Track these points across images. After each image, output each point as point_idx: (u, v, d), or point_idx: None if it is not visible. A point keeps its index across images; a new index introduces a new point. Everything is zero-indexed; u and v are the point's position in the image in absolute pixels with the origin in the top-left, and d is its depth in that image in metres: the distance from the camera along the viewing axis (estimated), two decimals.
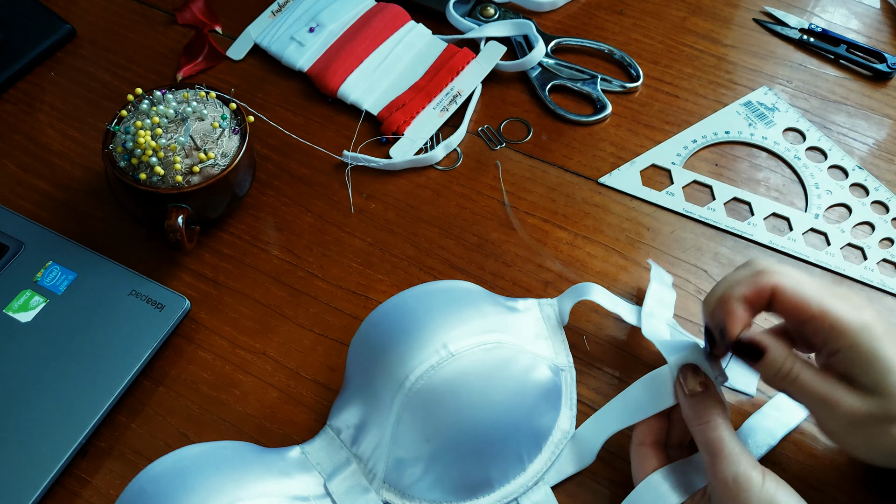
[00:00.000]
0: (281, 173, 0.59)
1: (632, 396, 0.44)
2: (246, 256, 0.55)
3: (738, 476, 0.38)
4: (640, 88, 0.64)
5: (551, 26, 0.68)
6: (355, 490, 0.43)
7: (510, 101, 0.63)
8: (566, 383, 0.47)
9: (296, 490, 0.42)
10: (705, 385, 0.41)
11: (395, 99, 0.62)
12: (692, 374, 0.42)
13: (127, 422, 0.48)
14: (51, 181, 0.59)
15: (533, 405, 0.44)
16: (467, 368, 0.41)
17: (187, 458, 0.41)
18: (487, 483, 0.43)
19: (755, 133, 0.60)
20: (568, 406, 0.46)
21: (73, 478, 0.46)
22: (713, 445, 0.39)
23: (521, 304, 0.47)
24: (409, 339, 0.41)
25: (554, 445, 0.45)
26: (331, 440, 0.45)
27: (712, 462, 0.39)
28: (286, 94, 0.64)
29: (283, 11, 0.67)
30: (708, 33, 0.67)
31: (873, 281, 0.53)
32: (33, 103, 0.63)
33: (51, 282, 0.51)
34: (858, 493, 0.45)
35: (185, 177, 0.50)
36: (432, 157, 0.59)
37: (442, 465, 0.42)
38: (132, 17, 0.69)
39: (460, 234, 0.56)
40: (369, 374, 0.43)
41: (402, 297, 0.44)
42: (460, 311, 0.43)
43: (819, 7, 0.69)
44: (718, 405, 0.40)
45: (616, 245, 0.55)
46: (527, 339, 0.44)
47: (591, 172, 0.59)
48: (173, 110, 0.51)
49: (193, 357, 0.51)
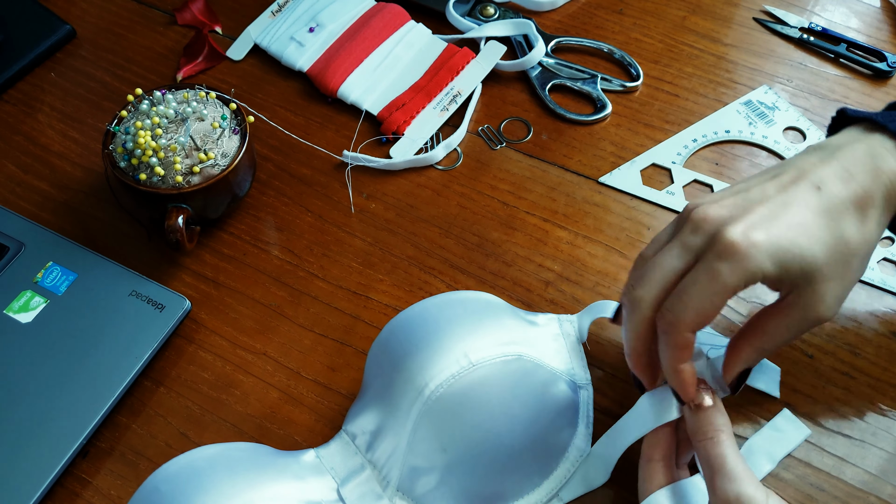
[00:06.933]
0: (281, 173, 0.59)
1: (640, 410, 0.43)
2: (246, 257, 0.55)
3: (740, 495, 0.36)
4: (641, 88, 0.64)
5: (551, 26, 0.68)
6: (368, 496, 0.43)
7: (510, 100, 0.63)
8: (583, 401, 0.46)
9: (309, 494, 0.41)
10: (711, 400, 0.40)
11: (395, 99, 0.61)
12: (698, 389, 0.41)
13: (127, 422, 0.48)
14: (51, 182, 0.59)
15: (550, 420, 0.43)
16: (487, 379, 0.41)
17: (202, 459, 0.41)
18: (501, 497, 0.43)
19: (755, 132, 0.60)
20: (585, 423, 0.46)
21: (74, 478, 0.46)
22: (715, 462, 0.38)
23: (540, 318, 0.47)
24: (430, 348, 0.41)
25: (570, 463, 0.45)
26: (346, 445, 0.44)
27: (713, 479, 0.38)
28: (286, 94, 0.64)
29: (283, 11, 0.67)
30: (708, 32, 0.67)
31: (874, 280, 0.53)
32: (33, 104, 0.63)
33: (51, 282, 0.51)
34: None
35: (186, 177, 0.50)
36: (432, 156, 0.59)
37: (457, 475, 0.41)
38: (132, 18, 0.69)
39: (460, 234, 0.56)
40: (388, 381, 0.43)
41: (423, 304, 0.44)
42: (481, 321, 0.43)
43: (819, 6, 0.69)
44: (722, 421, 0.40)
45: (616, 244, 0.55)
46: (546, 354, 0.44)
47: (592, 172, 0.59)
48: (173, 111, 0.51)
49: (194, 357, 0.51)
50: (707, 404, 0.40)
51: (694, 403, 0.40)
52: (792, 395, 0.48)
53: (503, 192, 0.58)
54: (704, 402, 0.40)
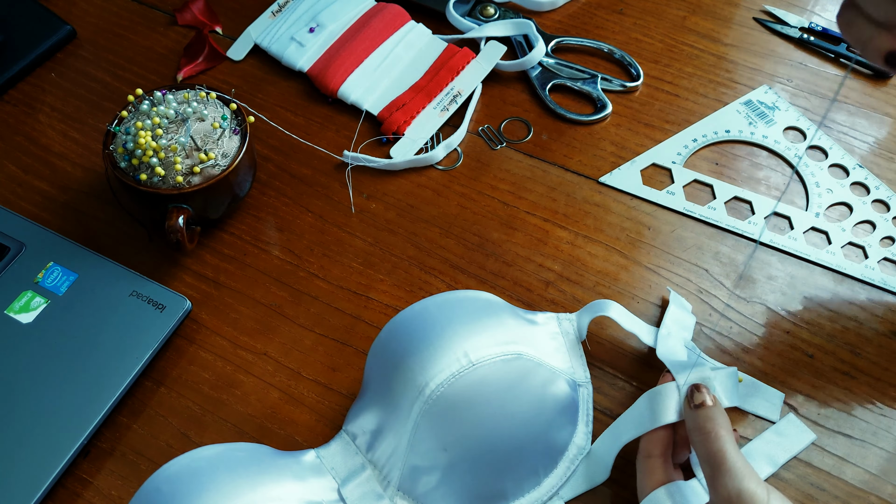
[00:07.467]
0: (281, 173, 0.59)
1: (639, 409, 0.44)
2: (247, 257, 0.55)
3: (742, 492, 0.37)
4: (641, 88, 0.64)
5: (551, 26, 0.68)
6: (369, 496, 0.43)
7: (510, 100, 0.63)
8: (583, 399, 0.47)
9: (309, 494, 0.42)
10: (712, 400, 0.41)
11: (395, 99, 0.62)
12: (699, 390, 0.41)
13: (128, 422, 0.48)
14: (51, 182, 0.59)
15: (550, 419, 0.43)
16: (488, 378, 0.41)
17: (203, 459, 0.41)
18: (502, 495, 0.43)
19: (755, 132, 0.60)
20: (584, 422, 0.46)
21: (75, 478, 0.46)
22: (715, 458, 0.38)
23: (540, 317, 0.47)
24: (430, 347, 0.41)
25: (569, 461, 0.45)
26: (346, 445, 0.45)
27: (714, 476, 0.38)
28: (286, 94, 0.64)
29: (283, 12, 0.67)
30: (708, 32, 0.67)
31: (874, 280, 0.53)
32: (34, 104, 0.63)
33: (52, 283, 0.51)
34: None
35: (186, 177, 0.50)
36: (433, 156, 0.59)
37: (458, 474, 0.41)
38: (132, 18, 0.69)
39: (461, 234, 0.56)
40: (388, 380, 0.43)
41: (423, 304, 0.44)
42: (481, 320, 0.43)
43: (819, 6, 0.69)
44: (722, 420, 0.40)
45: (617, 244, 0.55)
46: (545, 353, 0.44)
47: (592, 172, 0.59)
48: (174, 111, 0.51)
49: (194, 357, 0.51)
50: (708, 404, 0.40)
51: (695, 403, 0.41)
52: (792, 396, 0.48)
53: (503, 192, 0.58)
54: (706, 401, 0.41)
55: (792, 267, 0.54)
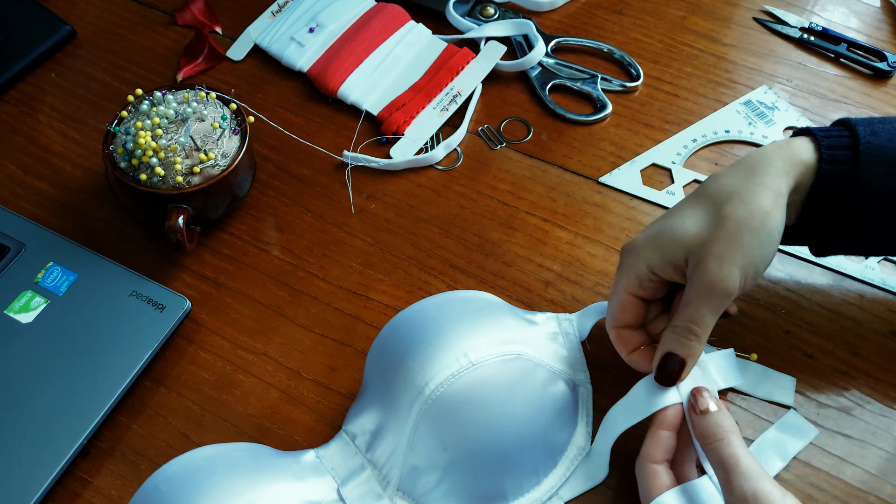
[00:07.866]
0: (281, 174, 0.59)
1: (634, 396, 0.43)
2: (246, 257, 0.55)
3: (757, 492, 0.37)
4: (640, 88, 0.64)
5: (551, 26, 0.68)
6: (369, 496, 0.43)
7: (510, 100, 0.63)
8: (583, 399, 0.47)
9: (309, 494, 0.42)
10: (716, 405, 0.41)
11: (395, 99, 0.62)
12: (700, 394, 0.41)
13: (128, 422, 0.48)
14: (51, 182, 0.59)
15: (550, 419, 0.43)
16: (487, 378, 0.41)
17: (202, 459, 0.41)
18: (502, 495, 0.43)
19: (755, 132, 0.60)
20: (584, 422, 0.46)
21: (75, 478, 0.46)
22: (729, 461, 0.38)
23: (539, 317, 0.47)
24: (430, 347, 0.41)
25: (569, 461, 0.45)
26: (346, 445, 0.45)
27: (729, 478, 0.38)
28: (286, 94, 0.64)
29: (283, 12, 0.67)
30: (708, 32, 0.67)
31: (874, 280, 0.53)
32: (34, 104, 0.63)
33: (52, 283, 0.51)
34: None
35: (186, 177, 0.50)
36: (432, 157, 0.59)
37: (458, 474, 0.41)
38: (132, 18, 0.69)
39: (460, 234, 0.56)
40: (388, 380, 0.43)
41: (422, 304, 0.44)
42: (481, 320, 0.43)
43: (819, 6, 0.69)
44: (730, 423, 0.40)
45: (616, 244, 0.55)
46: (545, 353, 0.44)
47: (592, 172, 0.59)
48: (173, 111, 0.51)
49: (194, 357, 0.51)
50: (713, 409, 0.40)
51: (700, 409, 0.41)
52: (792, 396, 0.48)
53: (503, 192, 0.58)
54: (710, 406, 0.41)
55: (792, 267, 0.54)
